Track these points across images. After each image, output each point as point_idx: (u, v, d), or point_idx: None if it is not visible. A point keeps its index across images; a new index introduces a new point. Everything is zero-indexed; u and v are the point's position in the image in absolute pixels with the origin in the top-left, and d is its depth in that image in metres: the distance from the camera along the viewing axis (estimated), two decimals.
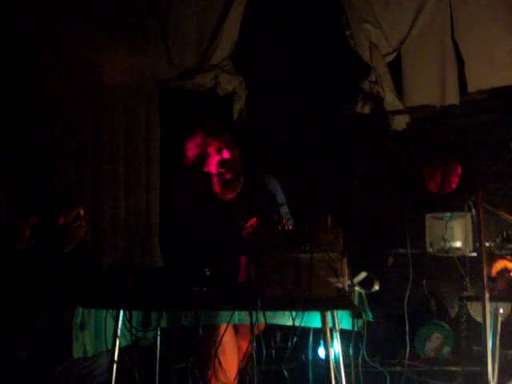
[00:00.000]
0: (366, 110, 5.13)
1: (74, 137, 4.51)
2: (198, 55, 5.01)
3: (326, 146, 5.23)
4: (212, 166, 3.55)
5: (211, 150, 3.55)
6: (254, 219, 3.14)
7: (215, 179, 3.59)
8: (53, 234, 2.98)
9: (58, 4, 4.38)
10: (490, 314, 3.07)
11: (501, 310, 3.46)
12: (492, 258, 4.17)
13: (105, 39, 4.67)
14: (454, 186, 4.88)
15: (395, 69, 5.15)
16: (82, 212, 3.01)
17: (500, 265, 3.49)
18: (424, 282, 4.84)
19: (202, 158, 3.57)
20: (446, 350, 4.71)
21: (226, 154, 3.54)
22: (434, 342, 4.72)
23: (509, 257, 3.62)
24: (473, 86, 4.97)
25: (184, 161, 3.63)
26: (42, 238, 3.00)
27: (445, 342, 4.70)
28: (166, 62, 4.94)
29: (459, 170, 4.90)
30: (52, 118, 4.46)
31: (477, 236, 4.37)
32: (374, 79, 5.05)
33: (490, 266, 3.53)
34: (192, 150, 3.60)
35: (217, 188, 3.61)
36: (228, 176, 3.57)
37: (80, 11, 4.50)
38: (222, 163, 3.55)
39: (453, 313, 4.88)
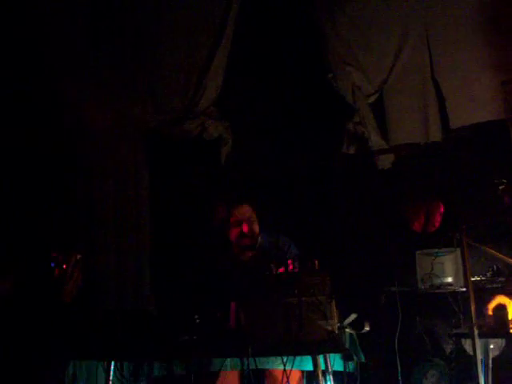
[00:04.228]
0: (351, 150, 5.18)
1: (63, 185, 4.53)
2: (184, 102, 5.07)
3: (312, 188, 5.27)
4: (232, 235, 3.80)
5: (233, 221, 3.79)
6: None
7: (234, 244, 3.81)
8: (48, 285, 2.92)
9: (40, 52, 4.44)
10: (480, 349, 3.07)
11: (491, 346, 3.47)
12: (485, 292, 4.18)
13: (91, 88, 4.73)
14: (437, 224, 4.93)
15: (378, 108, 5.22)
16: (79, 257, 2.92)
17: (497, 301, 3.50)
18: (417, 319, 4.82)
19: (225, 225, 3.83)
20: None
21: (245, 228, 3.76)
22: (430, 379, 4.67)
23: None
24: (455, 123, 5.03)
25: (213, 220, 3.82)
26: (31, 290, 2.96)
27: (441, 378, 4.67)
28: (152, 109, 5.01)
29: (442, 209, 4.95)
30: (40, 165, 4.48)
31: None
32: (357, 120, 5.12)
33: (488, 302, 3.53)
34: (218, 215, 3.82)
35: (235, 249, 3.82)
36: (246, 243, 3.77)
37: (65, 64, 4.56)
38: (242, 235, 3.76)
39: (448, 349, 4.84)
